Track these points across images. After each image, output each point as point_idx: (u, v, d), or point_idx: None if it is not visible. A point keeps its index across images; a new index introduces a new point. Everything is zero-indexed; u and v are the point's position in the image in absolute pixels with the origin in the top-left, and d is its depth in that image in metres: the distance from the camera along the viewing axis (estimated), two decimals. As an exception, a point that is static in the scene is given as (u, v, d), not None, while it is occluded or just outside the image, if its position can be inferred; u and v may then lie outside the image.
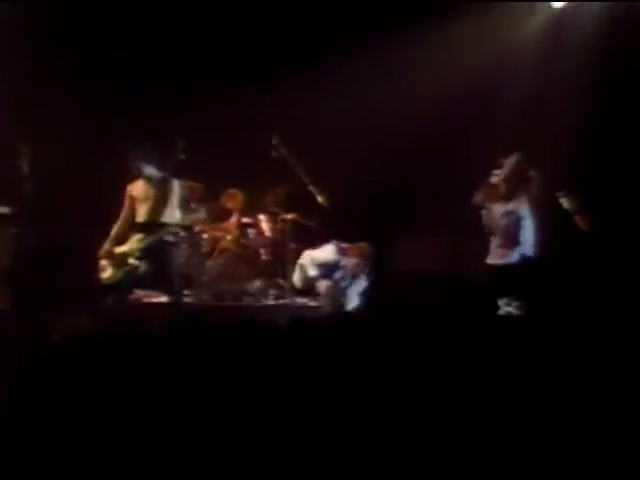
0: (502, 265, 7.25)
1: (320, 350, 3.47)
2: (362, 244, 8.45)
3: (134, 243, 7.32)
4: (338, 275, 8.36)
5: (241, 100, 8.80)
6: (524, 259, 7.17)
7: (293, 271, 8.47)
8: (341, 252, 8.44)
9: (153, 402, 3.06)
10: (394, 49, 8.51)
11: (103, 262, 7.34)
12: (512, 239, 7.22)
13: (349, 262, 8.40)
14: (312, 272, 8.42)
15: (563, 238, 7.25)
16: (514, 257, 7.19)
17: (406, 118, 8.27)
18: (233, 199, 8.76)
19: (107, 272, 7.30)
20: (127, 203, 7.40)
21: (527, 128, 7.90)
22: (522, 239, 7.20)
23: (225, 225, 8.76)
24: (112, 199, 7.56)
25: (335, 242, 8.51)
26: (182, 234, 7.70)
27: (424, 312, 5.84)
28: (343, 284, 8.36)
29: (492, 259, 7.32)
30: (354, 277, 8.37)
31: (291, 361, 3.39)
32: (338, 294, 8.30)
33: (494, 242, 7.33)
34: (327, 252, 8.49)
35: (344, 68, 8.61)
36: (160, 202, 7.31)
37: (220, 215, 8.74)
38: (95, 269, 7.39)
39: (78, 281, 7.56)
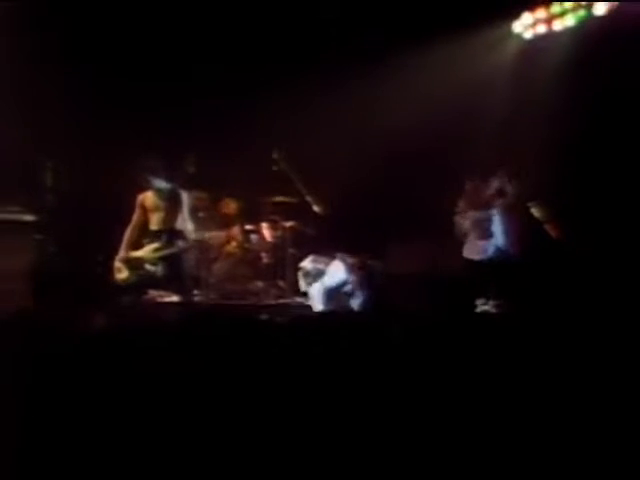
0: (479, 261, 7.74)
1: (318, 345, 3.61)
2: (368, 258, 8.33)
3: (150, 252, 7.69)
4: (346, 289, 8.25)
5: (243, 114, 9.12)
6: (498, 253, 7.65)
7: (292, 273, 8.62)
8: (350, 269, 8.21)
9: (166, 389, 3.16)
10: (389, 68, 8.98)
11: (119, 265, 7.74)
12: (485, 231, 7.76)
13: (356, 277, 8.22)
14: (321, 306, 8.14)
15: (533, 243, 7.69)
16: (489, 250, 7.69)
17: (396, 136, 8.69)
18: (227, 207, 9.02)
19: (123, 274, 7.73)
20: (139, 211, 7.77)
21: (506, 146, 8.35)
22: (494, 232, 7.72)
23: (230, 232, 8.99)
24: (126, 209, 7.88)
25: (341, 257, 8.30)
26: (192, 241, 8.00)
27: (421, 312, 6.26)
28: (348, 292, 8.31)
29: (468, 252, 7.84)
30: (358, 287, 8.24)
31: (290, 354, 3.52)
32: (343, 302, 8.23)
33: (471, 235, 7.86)
34: (338, 273, 8.22)
35: (342, 84, 8.96)
36: (171, 213, 7.74)
37: (225, 222, 9.01)
38: (111, 272, 7.78)
39: (96, 283, 7.86)
